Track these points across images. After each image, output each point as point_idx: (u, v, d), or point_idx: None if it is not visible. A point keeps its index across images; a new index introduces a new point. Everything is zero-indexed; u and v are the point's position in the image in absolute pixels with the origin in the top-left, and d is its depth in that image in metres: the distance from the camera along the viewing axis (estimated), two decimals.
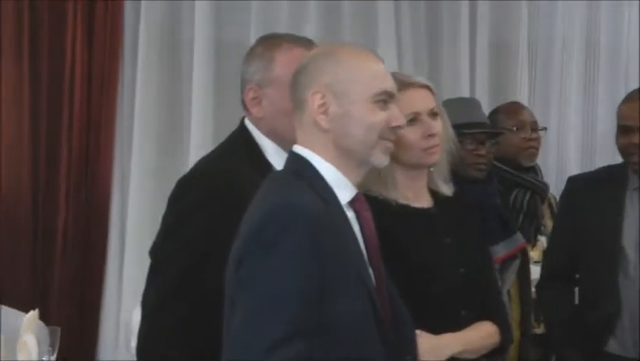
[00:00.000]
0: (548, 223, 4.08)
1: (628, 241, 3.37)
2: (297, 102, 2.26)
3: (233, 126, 2.69)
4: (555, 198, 4.15)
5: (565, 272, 3.60)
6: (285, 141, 2.50)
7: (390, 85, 2.25)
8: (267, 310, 2.00)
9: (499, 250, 3.33)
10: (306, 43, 2.66)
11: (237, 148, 2.63)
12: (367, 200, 2.31)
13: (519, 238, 3.46)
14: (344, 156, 2.22)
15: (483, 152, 3.46)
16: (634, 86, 4.55)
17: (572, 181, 3.61)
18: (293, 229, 2.04)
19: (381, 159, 2.25)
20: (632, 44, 4.65)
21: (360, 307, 2.12)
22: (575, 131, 4.67)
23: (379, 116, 2.21)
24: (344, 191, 2.23)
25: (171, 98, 4.66)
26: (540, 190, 3.99)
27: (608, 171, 3.57)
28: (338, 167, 2.22)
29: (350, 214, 2.24)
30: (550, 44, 4.74)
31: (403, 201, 2.67)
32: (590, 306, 3.45)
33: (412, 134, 2.62)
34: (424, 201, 2.75)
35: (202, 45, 4.57)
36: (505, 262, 3.37)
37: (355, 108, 2.21)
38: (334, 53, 2.27)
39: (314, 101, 2.21)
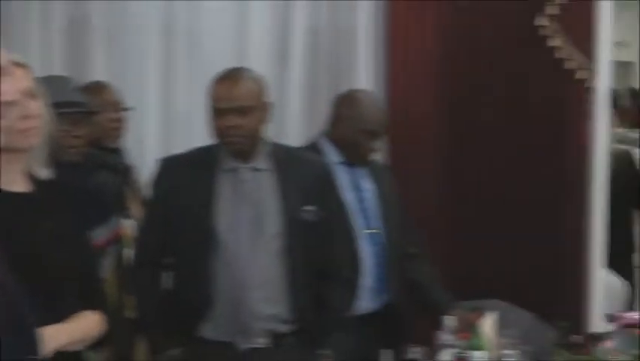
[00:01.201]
0: (133, 207, 3.99)
1: (221, 223, 3.37)
2: None
3: None
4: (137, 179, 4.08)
5: (157, 256, 3.53)
6: None
7: None
8: None
9: (97, 235, 3.21)
10: None
11: None
12: None
13: (115, 222, 3.36)
14: None
15: (79, 133, 3.31)
16: (214, 68, 4.62)
17: (164, 163, 3.55)
18: None
19: None
20: (211, 26, 4.67)
21: None
22: (154, 112, 4.61)
23: None
24: None
25: None
26: (125, 172, 3.89)
27: (200, 152, 3.55)
28: None
29: None
30: (127, 23, 4.61)
31: None
32: (185, 290, 3.44)
33: (7, 115, 2.43)
34: (22, 186, 2.59)
35: None
36: (104, 248, 3.25)
37: None
38: None
39: None
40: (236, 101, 3.33)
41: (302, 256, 3.44)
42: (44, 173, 2.65)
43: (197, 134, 4.49)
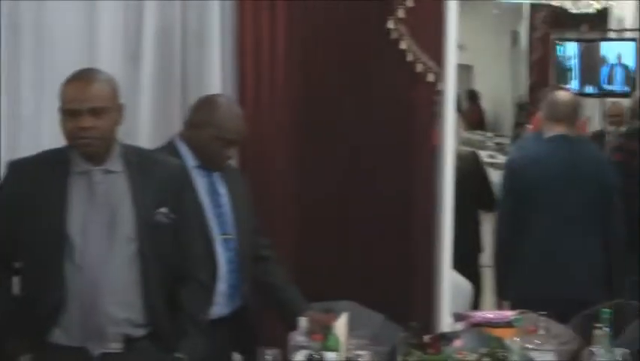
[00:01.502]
0: None
1: (73, 227, 3.31)
2: None
3: None
4: None
5: (5, 261, 3.45)
6: None
7: None
8: None
9: None
10: None
11: None
12: None
13: None
14: None
15: None
16: (62, 68, 4.49)
17: (12, 166, 3.47)
18: None
19: None
20: (59, 24, 4.54)
21: None
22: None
23: None
24: None
25: None
26: None
27: (50, 155, 3.48)
28: None
29: None
30: None
31: None
32: (36, 295, 3.35)
33: None
34: None
35: None
36: None
37: None
38: None
39: None
40: (89, 102, 3.27)
41: (156, 259, 3.40)
42: None
43: (45, 137, 4.44)
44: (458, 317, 4.36)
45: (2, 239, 3.41)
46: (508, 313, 4.20)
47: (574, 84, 10.34)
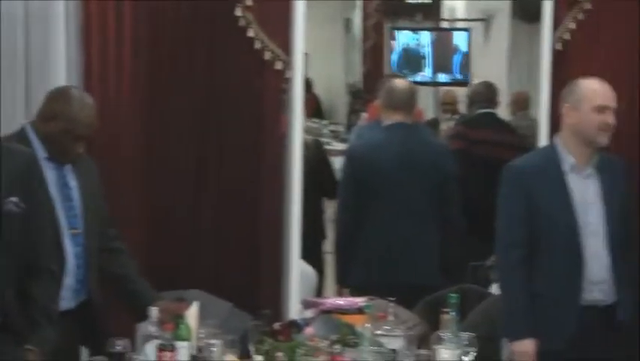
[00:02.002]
0: None
1: None
2: None
3: None
4: None
5: None
6: None
7: None
8: None
9: None
10: None
11: None
12: None
13: None
14: None
15: None
16: None
17: None
18: None
19: None
20: None
21: None
22: None
23: None
24: None
25: None
26: None
27: None
28: None
29: None
30: None
31: None
32: None
33: None
34: None
35: None
36: None
37: None
38: None
39: None
40: None
41: (6, 249, 3.28)
42: None
43: None
44: (307, 304, 4.40)
45: None
46: (358, 300, 4.26)
47: (427, 72, 10.59)
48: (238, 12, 4.74)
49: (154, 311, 3.74)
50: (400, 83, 5.67)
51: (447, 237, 5.39)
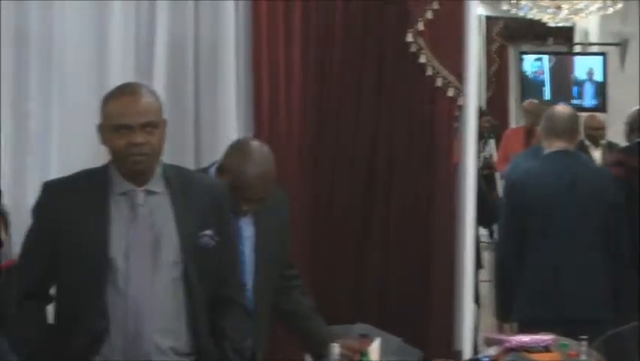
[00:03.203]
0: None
1: (115, 250, 3.12)
2: None
3: None
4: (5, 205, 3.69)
5: (41, 288, 3.26)
6: None
7: None
8: None
9: None
10: None
11: None
12: None
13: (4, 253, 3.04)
14: None
15: None
16: (71, 81, 4.30)
17: (48, 187, 3.27)
18: None
19: None
20: (68, 35, 4.34)
21: None
22: (6, 129, 4.21)
23: None
24: None
25: None
26: None
27: (88, 175, 3.29)
28: None
29: None
30: None
31: None
32: (76, 323, 3.15)
33: None
34: None
35: None
36: None
37: None
38: None
39: None
40: (141, 117, 3.09)
41: (201, 284, 3.22)
42: None
43: (53, 153, 4.22)
44: (490, 341, 4.23)
45: (38, 264, 3.20)
46: (545, 338, 4.08)
47: (546, 98, 10.34)
48: (409, 37, 4.63)
49: (335, 348, 3.63)
50: (561, 109, 5.48)
51: (615, 267, 5.17)
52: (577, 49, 11.55)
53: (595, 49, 10.96)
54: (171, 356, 3.16)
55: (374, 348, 3.74)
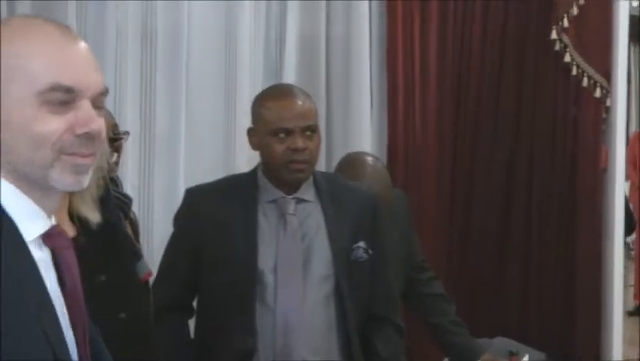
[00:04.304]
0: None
1: (263, 262, 2.90)
2: None
3: None
4: (135, 214, 3.52)
5: (184, 301, 3.06)
6: None
7: (70, 77, 1.53)
8: None
9: None
10: None
11: None
12: None
13: (145, 264, 2.86)
14: (22, 178, 1.54)
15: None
16: (199, 82, 4.13)
17: (191, 194, 3.05)
18: None
19: (67, 181, 1.55)
20: (196, 33, 4.18)
21: None
22: (132, 130, 4.04)
23: (52, 124, 1.52)
24: (32, 223, 1.54)
25: None
26: (124, 204, 3.32)
27: (234, 181, 3.07)
28: (23, 190, 1.54)
29: (41, 254, 1.57)
30: (102, 31, 4.03)
31: None
32: (220, 341, 2.93)
33: None
34: (68, 228, 2.21)
35: None
36: None
37: (16, 114, 1.51)
38: None
39: None
40: (305, 120, 2.86)
41: (353, 299, 2.97)
42: (93, 215, 2.31)
43: (181, 156, 4.08)
44: None
45: (182, 276, 3.00)
46: None
47: None
48: (553, 35, 4.36)
49: None
50: None
51: None
52: None
53: None
54: None
55: None
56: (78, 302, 1.63)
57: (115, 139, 3.02)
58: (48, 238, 1.57)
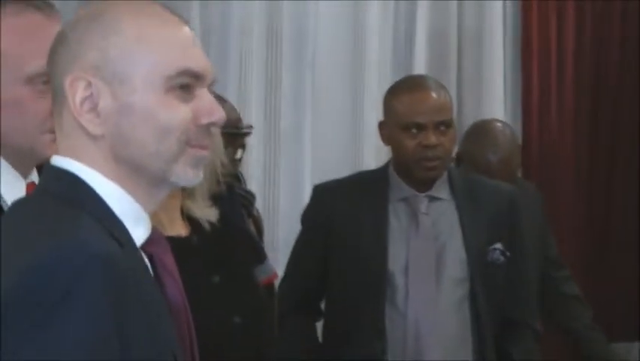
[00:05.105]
0: None
1: (394, 263, 2.77)
2: (54, 93, 1.39)
3: None
4: (258, 211, 3.42)
5: (312, 302, 2.96)
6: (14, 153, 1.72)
7: (196, 62, 1.39)
8: None
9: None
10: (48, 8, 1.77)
11: None
12: None
13: (270, 265, 2.76)
14: (131, 174, 1.37)
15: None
16: (325, 78, 4.05)
17: (320, 191, 2.94)
18: (88, 284, 1.21)
19: (188, 176, 1.39)
20: (322, 30, 4.11)
21: None
22: (256, 125, 3.96)
23: (180, 112, 1.37)
24: (137, 226, 1.39)
25: None
26: (247, 202, 3.22)
27: (364, 177, 2.98)
28: (126, 188, 1.37)
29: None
30: (227, 29, 3.98)
31: None
32: (350, 343, 2.81)
33: None
34: (181, 229, 2.18)
35: None
36: None
37: (139, 100, 1.35)
38: (106, 14, 1.38)
39: (74, 91, 1.35)
40: (438, 116, 2.72)
41: (489, 304, 2.82)
42: (209, 213, 2.25)
43: (307, 152, 4.00)
44: None
45: (310, 277, 2.89)
46: None
47: None
48: None
49: None
50: None
51: None
52: None
53: None
54: None
55: None
56: (182, 310, 1.47)
57: (241, 134, 2.94)
58: (148, 243, 1.41)
